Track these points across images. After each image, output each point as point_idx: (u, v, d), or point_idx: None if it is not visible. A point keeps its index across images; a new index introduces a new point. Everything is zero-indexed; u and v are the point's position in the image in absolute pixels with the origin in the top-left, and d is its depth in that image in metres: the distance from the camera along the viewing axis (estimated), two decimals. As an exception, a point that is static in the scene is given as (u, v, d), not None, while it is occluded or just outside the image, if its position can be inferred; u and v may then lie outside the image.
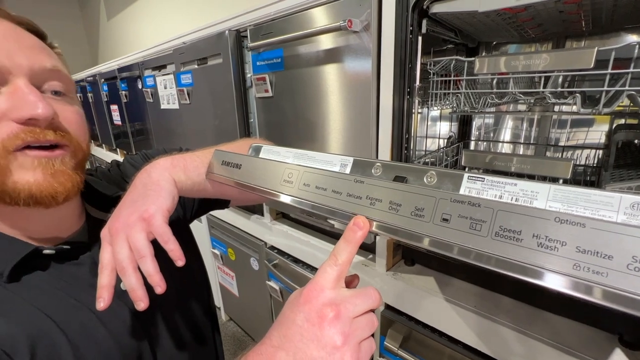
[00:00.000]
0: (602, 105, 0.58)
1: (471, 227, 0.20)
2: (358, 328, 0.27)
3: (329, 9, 0.83)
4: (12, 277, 0.37)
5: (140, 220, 0.36)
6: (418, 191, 0.22)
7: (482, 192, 0.21)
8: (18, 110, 0.34)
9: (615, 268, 0.16)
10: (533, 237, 0.18)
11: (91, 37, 3.95)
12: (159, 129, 1.86)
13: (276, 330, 0.29)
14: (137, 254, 0.35)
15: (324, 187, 0.28)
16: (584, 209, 0.18)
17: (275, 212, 1.31)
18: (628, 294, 0.15)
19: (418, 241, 0.22)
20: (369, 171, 0.28)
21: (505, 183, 0.20)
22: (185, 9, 2.13)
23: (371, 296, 0.29)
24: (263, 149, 0.39)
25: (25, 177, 0.35)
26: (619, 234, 0.16)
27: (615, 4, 0.62)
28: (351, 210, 0.26)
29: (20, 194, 0.35)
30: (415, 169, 0.24)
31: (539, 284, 0.18)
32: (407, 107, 0.78)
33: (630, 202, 0.17)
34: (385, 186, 0.24)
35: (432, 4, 0.70)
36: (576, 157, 0.96)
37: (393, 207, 0.23)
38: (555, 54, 0.58)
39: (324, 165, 0.31)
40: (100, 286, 0.35)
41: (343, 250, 0.28)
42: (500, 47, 1.07)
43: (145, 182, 0.41)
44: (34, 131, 0.35)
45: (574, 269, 0.17)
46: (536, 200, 0.19)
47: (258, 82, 1.08)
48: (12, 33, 0.35)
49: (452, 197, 0.20)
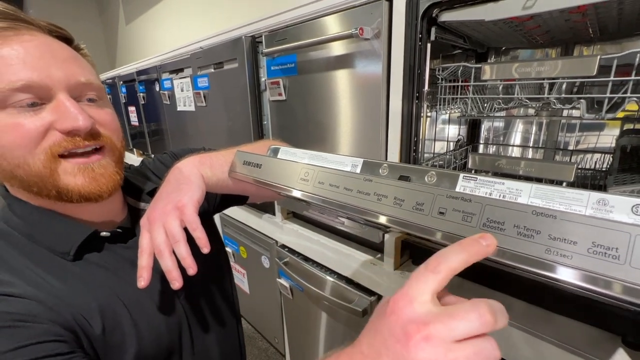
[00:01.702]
0: (605, 112, 0.60)
1: (463, 219, 0.23)
2: (460, 358, 0.22)
3: (341, 17, 0.87)
4: (77, 255, 0.42)
5: (174, 209, 0.42)
6: (419, 188, 0.25)
7: (475, 189, 0.24)
8: (62, 122, 0.39)
9: (579, 252, 0.19)
10: (514, 227, 0.21)
11: (109, 41, 4.08)
12: (174, 130, 1.92)
13: (365, 337, 0.27)
14: (172, 239, 0.40)
15: (337, 185, 0.31)
16: (559, 204, 0.21)
17: (287, 211, 1.35)
18: (587, 272, 0.18)
19: (418, 231, 0.25)
20: (377, 171, 0.31)
21: (494, 182, 0.23)
22: (201, 16, 2.19)
23: (478, 316, 0.22)
24: (281, 150, 0.43)
25: (71, 180, 0.41)
26: (583, 224, 0.19)
27: (620, 13, 0.64)
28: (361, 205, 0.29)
29: (72, 194, 0.41)
30: (417, 170, 0.27)
31: (517, 265, 0.21)
32: (416, 111, 0.81)
33: (596, 199, 0.20)
34: (390, 184, 0.27)
35: (440, 12, 0.73)
36: (586, 161, 0.97)
37: (397, 202, 0.26)
38: (559, 61, 0.60)
39: (337, 166, 0.34)
40: (140, 267, 0.40)
41: (452, 256, 0.23)
42: (510, 52, 1.09)
43: (178, 177, 0.46)
44: (75, 140, 0.40)
45: (546, 253, 0.20)
46: (520, 197, 0.22)
47: (272, 86, 1.12)
48: (47, 48, 0.39)
49: (448, 193, 0.24)
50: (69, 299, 0.39)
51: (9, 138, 0.37)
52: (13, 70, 0.36)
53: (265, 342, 1.81)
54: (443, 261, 0.23)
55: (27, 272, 0.39)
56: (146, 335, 0.44)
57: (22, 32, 0.38)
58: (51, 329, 0.36)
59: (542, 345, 0.66)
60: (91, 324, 0.39)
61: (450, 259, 0.23)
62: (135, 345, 0.42)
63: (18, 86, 0.36)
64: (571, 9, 0.61)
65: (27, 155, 0.38)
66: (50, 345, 0.34)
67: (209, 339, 0.55)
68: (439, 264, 0.23)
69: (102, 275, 0.43)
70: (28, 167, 0.38)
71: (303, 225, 1.28)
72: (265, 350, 1.78)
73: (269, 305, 1.59)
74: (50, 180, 0.40)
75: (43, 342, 0.34)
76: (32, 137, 0.38)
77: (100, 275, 0.43)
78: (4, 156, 0.38)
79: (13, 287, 0.37)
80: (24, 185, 0.40)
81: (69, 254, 0.42)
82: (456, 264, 0.23)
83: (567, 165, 0.63)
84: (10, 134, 0.37)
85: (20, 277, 0.38)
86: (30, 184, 0.40)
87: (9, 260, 0.40)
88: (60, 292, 0.39)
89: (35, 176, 0.39)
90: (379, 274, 0.95)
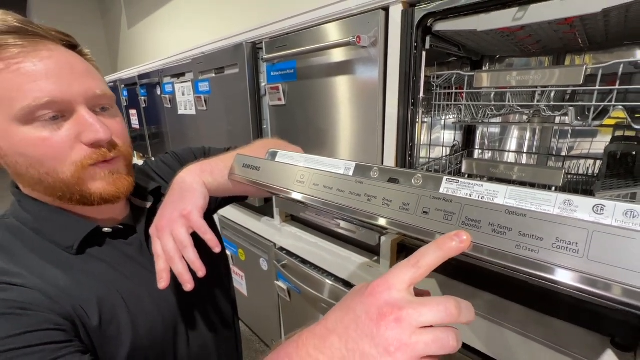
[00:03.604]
0: (592, 119, 0.62)
1: (445, 217, 0.25)
2: (421, 342, 0.24)
3: (340, 25, 0.89)
4: (79, 249, 0.45)
5: (180, 217, 0.45)
6: (405, 190, 0.28)
7: (457, 191, 0.26)
8: (86, 135, 0.42)
9: (544, 247, 0.21)
10: (489, 225, 0.23)
11: (111, 44, 4.12)
12: (175, 133, 1.94)
13: (333, 314, 0.29)
14: (180, 245, 0.44)
15: (330, 187, 0.34)
16: (531, 204, 0.23)
17: (285, 214, 1.37)
18: (551, 265, 0.20)
19: (404, 229, 0.27)
20: (368, 174, 0.33)
21: (474, 184, 0.26)
22: (202, 22, 2.23)
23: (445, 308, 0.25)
24: (279, 154, 0.45)
25: (95, 186, 0.45)
26: (549, 222, 0.21)
27: (606, 24, 0.67)
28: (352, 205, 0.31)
29: (94, 197, 0.45)
30: (405, 173, 0.30)
31: (491, 260, 0.23)
32: (412, 117, 0.83)
33: (563, 199, 0.22)
34: (380, 186, 0.30)
35: (435, 22, 0.75)
36: (579, 167, 0.99)
37: (385, 203, 0.29)
38: (547, 71, 0.63)
39: (331, 169, 0.36)
40: (159, 270, 0.44)
41: (429, 254, 0.26)
42: (505, 60, 1.11)
43: (182, 186, 0.50)
44: (100, 152, 0.44)
45: (516, 248, 0.22)
46: (496, 198, 0.24)
47: (272, 91, 1.15)
48: (65, 63, 0.42)
49: (431, 194, 0.26)
50: (69, 291, 0.41)
51: (39, 151, 0.40)
52: (38, 86, 0.38)
53: (263, 345, 1.81)
54: (422, 258, 0.26)
55: (33, 263, 0.42)
56: (142, 329, 0.46)
57: (39, 48, 0.40)
58: (51, 318, 0.38)
59: (535, 347, 0.67)
60: (89, 315, 0.42)
61: (426, 257, 0.26)
62: (130, 338, 0.44)
63: (44, 102, 0.39)
64: (559, 21, 0.63)
65: (57, 165, 0.42)
66: (48, 333, 0.36)
67: (205, 337, 0.57)
68: (418, 260, 0.26)
69: (102, 269, 0.46)
70: (57, 176, 0.42)
71: (301, 228, 1.30)
72: (262, 353, 1.79)
73: (266, 308, 1.60)
74: (76, 188, 0.44)
75: (42, 330, 0.36)
76: (61, 150, 0.41)
77: (100, 268, 0.46)
78: (33, 166, 0.41)
79: (18, 277, 0.39)
80: (49, 191, 0.44)
81: (73, 248, 0.45)
82: (434, 261, 0.26)
83: (556, 170, 0.66)
84: (41, 148, 0.40)
85: (25, 268, 0.41)
86: (56, 189, 0.43)
87: (16, 252, 0.42)
88: (61, 284, 0.41)
89: (63, 183, 0.43)
90: (375, 276, 0.97)
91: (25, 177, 0.43)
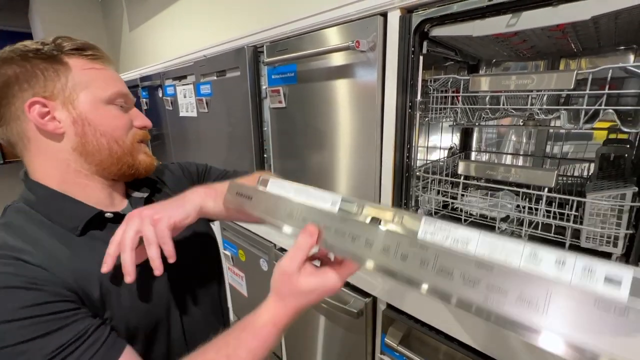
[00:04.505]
0: (583, 122, 0.64)
1: (421, 264, 0.28)
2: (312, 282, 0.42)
3: (340, 30, 0.92)
4: (83, 231, 0.52)
5: (150, 218, 0.50)
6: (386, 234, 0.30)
7: (434, 233, 0.28)
8: (140, 121, 0.61)
9: (509, 301, 0.23)
10: (460, 275, 0.25)
11: (113, 47, 4.14)
12: (176, 135, 1.96)
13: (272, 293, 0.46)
14: (146, 241, 0.49)
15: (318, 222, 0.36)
16: (499, 254, 0.25)
17: (285, 215, 1.38)
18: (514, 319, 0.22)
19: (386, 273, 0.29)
20: (353, 210, 0.35)
21: (450, 229, 0.28)
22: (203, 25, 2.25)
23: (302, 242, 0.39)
24: (270, 182, 0.47)
25: (141, 157, 0.61)
26: (514, 276, 0.23)
27: (597, 30, 0.69)
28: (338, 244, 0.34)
29: (140, 166, 0.60)
30: (387, 211, 0.32)
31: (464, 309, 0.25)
32: (409, 120, 0.85)
33: (529, 252, 0.24)
34: (363, 227, 0.32)
35: (431, 28, 0.78)
36: (573, 169, 1.01)
37: (368, 244, 0.31)
38: (540, 75, 0.65)
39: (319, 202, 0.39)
40: (106, 254, 0.47)
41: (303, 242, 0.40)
42: (501, 64, 1.14)
43: (178, 197, 0.56)
44: (144, 132, 0.62)
45: (484, 301, 0.24)
46: (469, 245, 0.26)
47: (272, 94, 1.17)
48: (116, 74, 0.59)
49: (410, 241, 0.29)
50: (72, 265, 0.48)
51: (115, 122, 0.56)
52: (120, 83, 0.58)
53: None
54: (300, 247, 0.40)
55: (40, 241, 0.48)
56: (135, 306, 0.53)
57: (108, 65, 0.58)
58: (57, 291, 0.44)
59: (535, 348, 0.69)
60: (91, 287, 0.48)
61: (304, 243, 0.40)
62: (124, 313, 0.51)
63: (124, 93, 0.58)
64: (551, 27, 0.65)
65: (123, 135, 0.57)
66: (57, 305, 0.43)
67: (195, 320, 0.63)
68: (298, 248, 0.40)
69: (102, 249, 0.50)
70: (123, 143, 0.57)
71: (301, 228, 1.32)
72: (262, 353, 1.79)
73: (266, 308, 1.61)
74: (130, 156, 0.58)
75: (50, 302, 0.42)
76: (127, 126, 0.58)
77: (101, 248, 0.50)
78: (106, 134, 0.55)
79: (25, 254, 0.45)
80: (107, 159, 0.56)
81: (77, 229, 0.52)
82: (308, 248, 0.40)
83: (549, 172, 0.68)
84: (116, 120, 0.57)
85: (33, 245, 0.47)
86: (116, 155, 0.56)
87: (27, 230, 0.49)
88: (65, 260, 0.48)
89: (122, 151, 0.57)
90: (373, 275, 0.98)
91: (90, 144, 0.54)
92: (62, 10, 3.83)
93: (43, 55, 0.51)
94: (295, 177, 1.20)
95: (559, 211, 0.71)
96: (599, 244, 0.65)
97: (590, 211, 0.65)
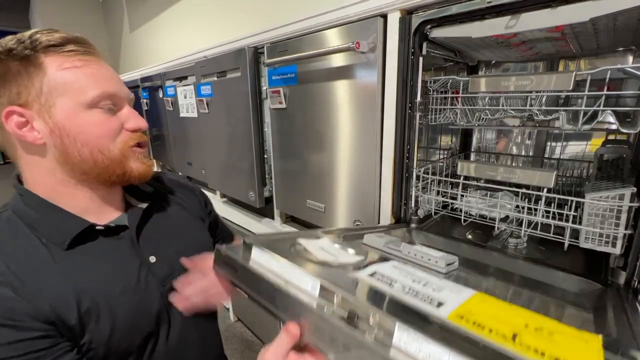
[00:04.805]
0: (582, 123, 0.65)
1: None
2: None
3: (340, 31, 0.92)
4: (70, 246, 0.49)
5: None
6: (360, 344, 0.31)
7: (407, 344, 0.29)
8: (132, 123, 0.54)
9: None
10: None
11: (114, 47, 4.15)
12: (177, 135, 1.97)
13: None
14: None
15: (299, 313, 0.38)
16: None
17: (285, 215, 1.39)
18: None
19: None
20: (331, 297, 0.36)
21: (422, 340, 0.28)
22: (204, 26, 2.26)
23: None
24: (254, 250, 0.46)
25: (135, 164, 0.54)
26: None
27: (596, 32, 0.69)
28: (318, 343, 0.35)
29: (133, 174, 0.54)
30: (366, 308, 0.32)
31: None
32: (409, 120, 0.86)
33: None
34: (340, 326, 0.33)
35: (431, 29, 0.78)
36: (573, 169, 1.02)
37: (345, 348, 0.32)
38: (539, 76, 0.66)
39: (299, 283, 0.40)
40: None
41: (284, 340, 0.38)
42: (501, 65, 1.14)
43: None
44: (137, 135, 0.55)
45: None
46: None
47: (273, 95, 1.17)
48: (112, 71, 0.53)
49: (384, 355, 0.29)
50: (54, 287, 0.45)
51: (98, 130, 0.50)
52: (105, 83, 0.50)
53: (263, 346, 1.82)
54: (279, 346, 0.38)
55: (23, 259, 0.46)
56: (123, 318, 0.50)
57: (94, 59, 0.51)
58: (35, 326, 0.42)
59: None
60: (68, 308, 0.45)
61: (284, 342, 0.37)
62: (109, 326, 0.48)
63: (110, 92, 0.51)
64: (550, 29, 0.66)
65: (110, 144, 0.51)
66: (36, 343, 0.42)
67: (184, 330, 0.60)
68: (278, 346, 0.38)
69: (88, 263, 0.50)
70: (108, 152, 0.51)
71: (301, 229, 1.32)
72: (262, 354, 1.80)
73: (266, 308, 1.61)
74: (120, 165, 0.52)
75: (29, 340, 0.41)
76: (113, 131, 0.52)
77: (86, 262, 0.49)
78: (88, 144, 0.49)
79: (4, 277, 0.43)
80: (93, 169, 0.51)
81: (64, 244, 0.48)
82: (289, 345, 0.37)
83: (548, 172, 0.68)
84: (100, 127, 0.50)
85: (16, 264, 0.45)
86: (101, 166, 0.51)
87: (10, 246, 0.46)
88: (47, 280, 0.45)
89: (110, 160, 0.52)
90: (373, 275, 0.99)
91: (71, 156, 0.49)
92: (62, 11, 3.83)
93: (16, 57, 0.45)
94: (295, 177, 1.21)
95: (558, 211, 0.71)
96: (597, 243, 0.65)
97: (589, 211, 0.65)
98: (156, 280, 0.55)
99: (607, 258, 0.70)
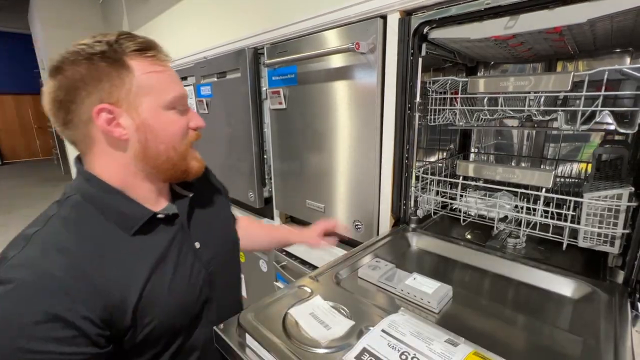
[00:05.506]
0: (580, 124, 0.65)
1: None
2: None
3: (340, 32, 0.93)
4: (137, 232, 0.54)
5: None
6: None
7: None
8: (195, 122, 0.60)
9: None
10: None
11: (113, 48, 4.14)
12: (176, 136, 1.97)
13: None
14: None
15: None
16: None
17: (285, 215, 1.39)
18: None
19: None
20: None
21: None
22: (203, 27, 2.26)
23: None
24: None
25: (193, 163, 0.61)
26: None
27: (593, 33, 0.70)
28: None
29: (192, 171, 0.61)
30: None
31: None
32: (408, 121, 0.86)
33: None
34: None
35: (430, 30, 0.79)
36: (571, 169, 1.02)
37: None
38: (537, 77, 0.66)
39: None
40: None
41: None
42: (499, 66, 1.15)
43: None
44: (197, 133, 0.61)
45: None
46: None
47: (273, 95, 1.18)
48: (174, 74, 0.58)
49: None
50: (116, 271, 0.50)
51: (174, 128, 0.56)
52: (179, 87, 0.57)
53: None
54: None
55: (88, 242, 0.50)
56: (175, 302, 0.55)
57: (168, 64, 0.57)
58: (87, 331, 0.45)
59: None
60: (130, 294, 0.50)
61: None
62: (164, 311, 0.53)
63: (183, 94, 0.57)
64: (548, 30, 0.66)
65: (180, 141, 0.57)
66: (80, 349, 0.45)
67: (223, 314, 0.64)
68: None
69: (151, 252, 0.55)
70: (179, 148, 0.57)
71: (300, 229, 1.32)
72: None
73: (266, 309, 1.61)
74: (184, 162, 0.59)
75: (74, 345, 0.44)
76: (184, 129, 0.58)
77: (150, 251, 0.54)
78: (165, 141, 0.55)
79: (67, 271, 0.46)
80: (164, 163, 0.56)
81: (132, 229, 0.54)
82: None
83: (546, 172, 0.68)
84: (176, 125, 0.56)
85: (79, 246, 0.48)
86: (172, 161, 0.57)
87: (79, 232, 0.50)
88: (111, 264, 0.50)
89: (178, 156, 0.58)
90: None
91: (150, 151, 0.55)
92: (61, 11, 3.83)
93: (108, 60, 0.50)
94: (295, 177, 1.21)
95: (556, 211, 0.72)
96: (596, 243, 0.66)
97: (588, 211, 0.65)
98: (201, 264, 0.61)
99: (606, 257, 0.70)
